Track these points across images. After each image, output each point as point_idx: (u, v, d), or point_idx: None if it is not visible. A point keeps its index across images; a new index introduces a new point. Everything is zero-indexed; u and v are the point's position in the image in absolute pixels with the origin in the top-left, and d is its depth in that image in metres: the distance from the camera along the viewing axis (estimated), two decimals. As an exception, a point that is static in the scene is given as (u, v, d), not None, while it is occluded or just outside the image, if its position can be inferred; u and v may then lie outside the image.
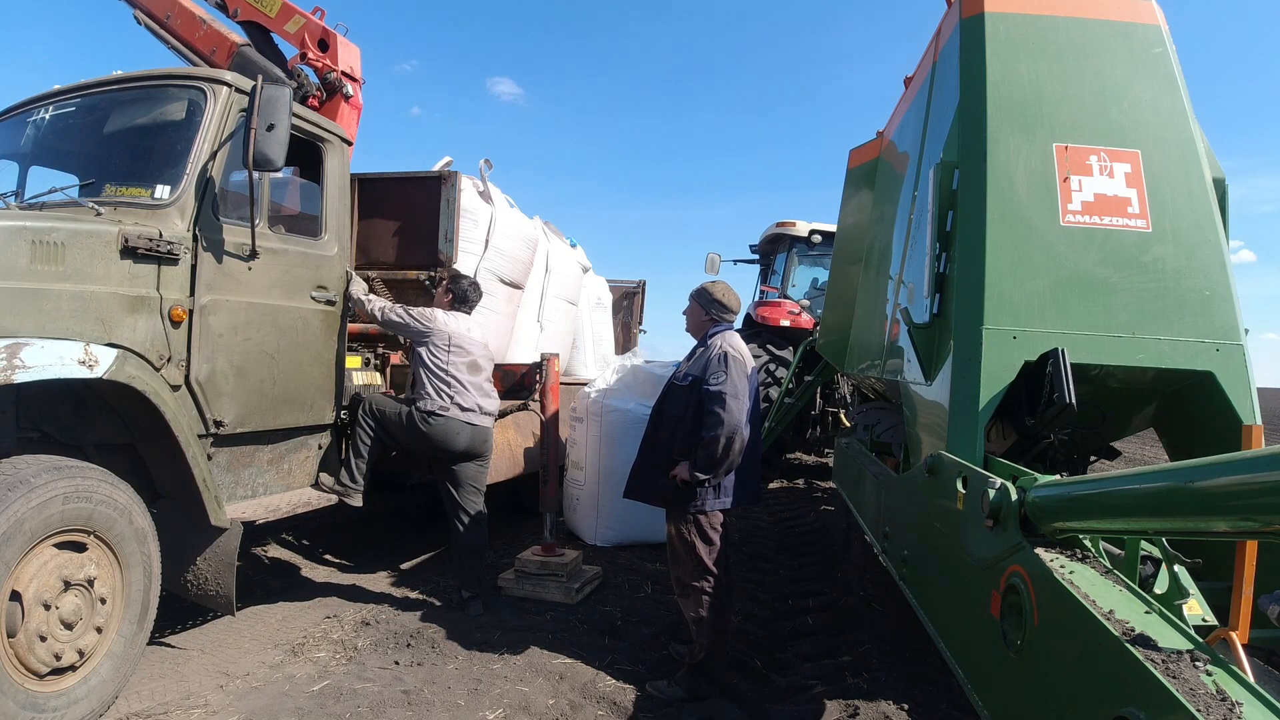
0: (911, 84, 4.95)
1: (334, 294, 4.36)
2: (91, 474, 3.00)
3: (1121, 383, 3.26)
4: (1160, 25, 3.53)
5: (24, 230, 2.94)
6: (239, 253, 3.74)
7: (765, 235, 11.67)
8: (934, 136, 3.98)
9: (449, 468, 4.64)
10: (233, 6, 6.16)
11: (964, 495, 2.69)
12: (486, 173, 5.77)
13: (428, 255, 5.34)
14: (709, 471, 3.60)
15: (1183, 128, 3.38)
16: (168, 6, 6.13)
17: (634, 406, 6.19)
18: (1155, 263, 3.18)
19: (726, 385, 3.61)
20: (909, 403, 3.94)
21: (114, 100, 3.87)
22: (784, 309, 10.16)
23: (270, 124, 3.51)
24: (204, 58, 5.92)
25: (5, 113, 4.17)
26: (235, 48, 5.81)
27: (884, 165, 5.49)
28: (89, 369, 2.92)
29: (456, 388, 4.52)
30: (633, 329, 9.94)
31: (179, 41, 6.06)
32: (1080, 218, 3.23)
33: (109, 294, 3.15)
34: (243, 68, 5.73)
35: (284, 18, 5.97)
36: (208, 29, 5.94)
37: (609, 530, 6.23)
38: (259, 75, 3.76)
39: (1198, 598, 2.39)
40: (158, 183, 3.54)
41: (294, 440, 4.24)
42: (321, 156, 4.42)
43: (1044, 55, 3.48)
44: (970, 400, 3.09)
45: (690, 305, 4.10)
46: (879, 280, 4.93)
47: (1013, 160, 3.31)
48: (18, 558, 2.70)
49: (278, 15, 5.99)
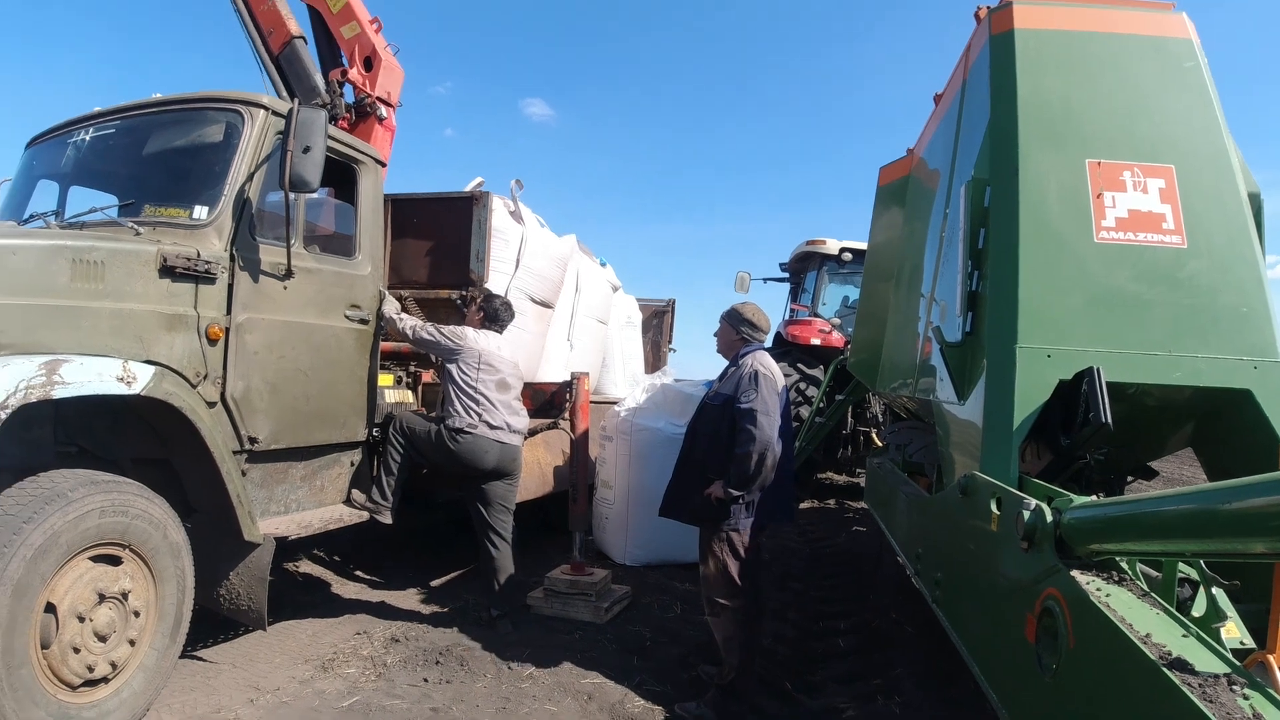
0: (941, 101, 4.93)
1: (367, 313, 4.42)
2: (128, 488, 3.05)
3: (1158, 401, 3.20)
4: (1192, 39, 3.49)
5: (64, 249, 3.02)
6: (275, 272, 3.81)
7: (795, 253, 11.63)
8: (965, 153, 3.95)
9: (478, 486, 4.66)
10: None
11: (998, 517, 2.66)
12: (517, 193, 5.83)
13: (459, 274, 5.40)
14: (742, 487, 3.66)
15: (1216, 142, 3.33)
16: None
17: (663, 425, 6.18)
18: (1190, 279, 3.12)
19: (757, 402, 3.67)
20: (942, 422, 3.89)
21: (153, 122, 3.96)
22: (814, 327, 10.10)
23: (306, 146, 3.57)
24: (260, 34, 6.02)
25: (47, 134, 4.28)
26: (290, 39, 5.92)
27: (915, 182, 5.46)
28: (127, 386, 2.98)
29: (485, 405, 4.54)
30: (662, 347, 9.93)
31: (245, 6, 6.14)
32: (1114, 234, 3.18)
33: (147, 312, 3.22)
34: (290, 61, 5.85)
35: (344, 18, 6.09)
36: (271, 6, 6.03)
37: (638, 549, 6.21)
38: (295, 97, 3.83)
39: (1236, 620, 2.32)
40: (196, 203, 3.62)
41: (327, 457, 4.28)
42: (356, 177, 4.49)
43: (1075, 71, 3.45)
44: (1004, 420, 3.05)
45: (721, 326, 4.18)
46: (911, 298, 4.89)
47: (1045, 177, 3.28)
48: (54, 570, 2.75)
49: (339, 12, 6.11)
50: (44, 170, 4.24)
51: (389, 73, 6.00)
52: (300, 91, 5.85)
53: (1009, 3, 3.59)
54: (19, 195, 4.24)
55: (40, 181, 4.23)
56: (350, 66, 5.95)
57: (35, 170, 4.29)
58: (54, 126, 4.25)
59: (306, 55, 5.95)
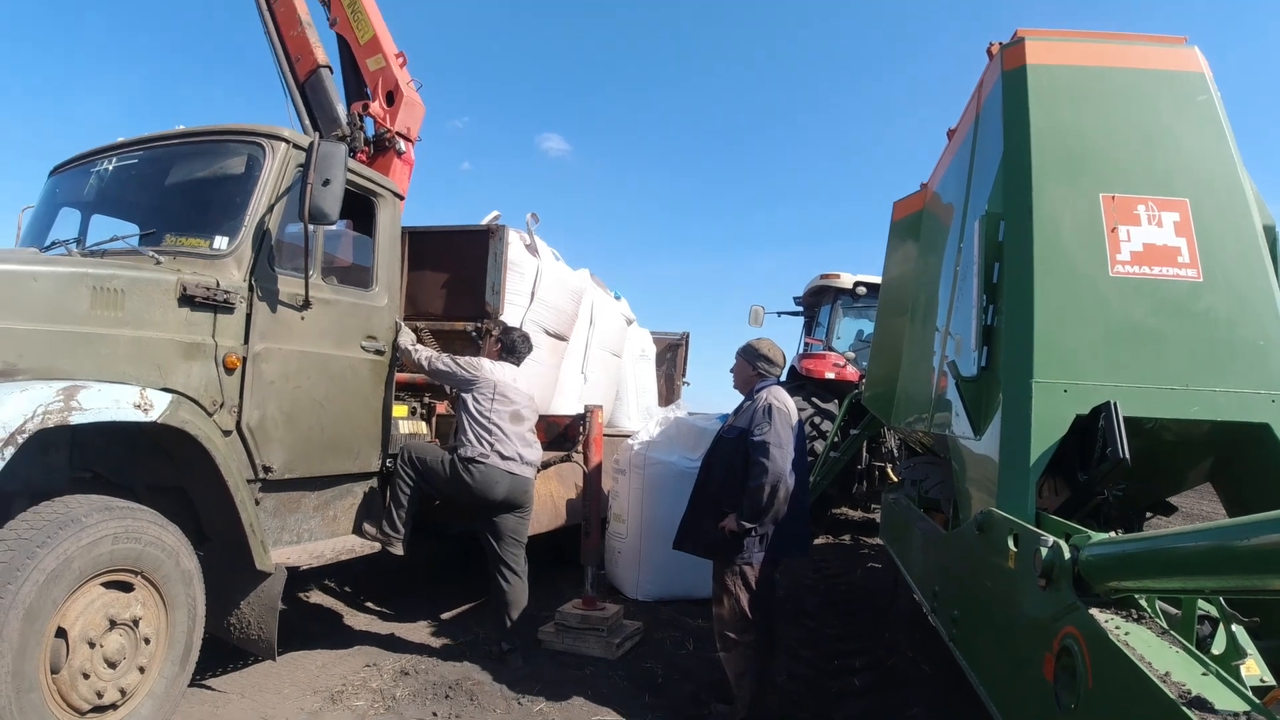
0: (955, 136, 4.95)
1: (383, 344, 4.45)
2: (141, 515, 3.06)
3: (1176, 436, 3.16)
4: (1204, 73, 3.50)
5: (85, 276, 3.07)
6: (292, 302, 3.85)
7: (809, 287, 11.64)
8: (979, 188, 3.96)
9: (490, 519, 4.65)
10: (334, 14, 6.41)
11: (1015, 554, 2.63)
12: (533, 226, 5.88)
13: (475, 307, 5.44)
14: (755, 520, 3.68)
15: (1231, 175, 3.32)
16: None
17: (677, 459, 6.16)
18: (1207, 312, 3.10)
19: (770, 435, 3.71)
20: (958, 457, 3.86)
21: (176, 153, 4.03)
22: (829, 361, 10.07)
23: (326, 179, 3.63)
24: (289, 58, 6.14)
25: (70, 162, 4.36)
26: (316, 68, 6.03)
27: (929, 217, 5.47)
28: (144, 413, 3.00)
29: (498, 435, 4.54)
30: (676, 381, 9.93)
31: (275, 31, 6.26)
32: (1130, 268, 3.17)
33: (166, 340, 3.26)
34: (314, 90, 5.95)
35: (370, 50, 6.20)
36: (301, 33, 6.15)
37: (651, 584, 6.15)
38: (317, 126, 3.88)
39: (1256, 657, 2.27)
40: (216, 234, 3.68)
41: (340, 487, 4.29)
42: (374, 210, 4.54)
43: (1088, 106, 3.46)
44: (1021, 455, 3.02)
45: (737, 362, 4.26)
46: (925, 332, 4.88)
47: (1059, 211, 3.28)
48: (65, 595, 2.75)
49: (366, 44, 6.22)
50: (66, 198, 4.31)
51: (410, 108, 6.10)
52: (322, 121, 5.95)
53: (1021, 39, 3.62)
54: (41, 222, 4.32)
55: (62, 209, 4.30)
56: (373, 100, 6.05)
57: (58, 198, 4.36)
58: (78, 155, 4.33)
59: (331, 85, 6.06)
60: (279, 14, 6.27)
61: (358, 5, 6.28)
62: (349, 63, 6.37)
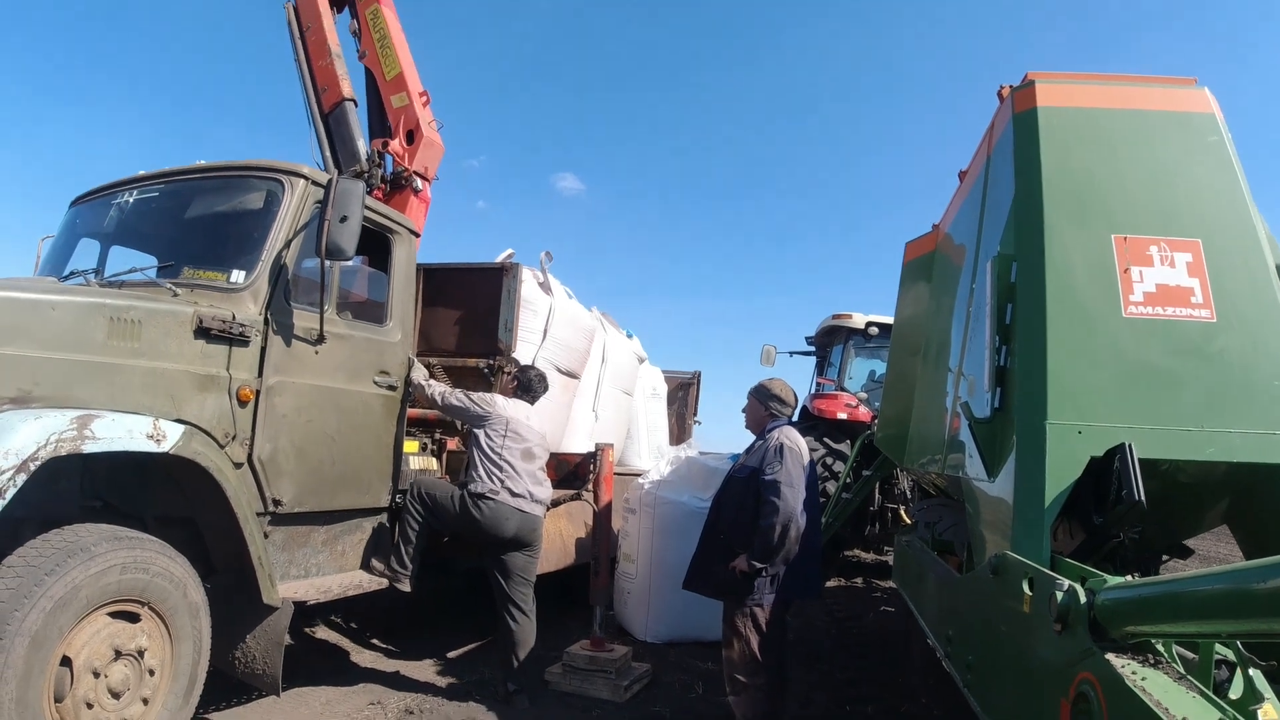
0: (966, 178, 4.98)
1: (396, 379, 4.47)
2: (150, 545, 3.07)
3: (1192, 478, 3.13)
4: (1215, 114, 3.51)
5: (103, 307, 3.12)
6: (307, 336, 3.88)
7: (821, 327, 11.63)
8: (990, 229, 3.97)
9: (499, 556, 4.62)
10: (364, 46, 6.55)
11: (1030, 598, 2.58)
12: (547, 264, 5.94)
13: (487, 344, 5.47)
14: (766, 559, 3.65)
15: (1243, 215, 3.32)
16: (313, 18, 6.49)
17: (688, 499, 6.12)
18: (1222, 353, 3.08)
19: (781, 474, 3.71)
20: (971, 500, 3.82)
21: (196, 188, 4.10)
22: (841, 401, 10.02)
23: (344, 215, 3.67)
24: (315, 88, 6.27)
25: (91, 194, 4.43)
26: (341, 101, 6.16)
27: (940, 258, 5.48)
28: (156, 443, 3.02)
29: (508, 472, 4.53)
30: (687, 420, 9.92)
31: (305, 59, 6.41)
32: (1143, 308, 3.16)
33: (181, 371, 3.29)
34: (338, 122, 6.06)
35: (395, 87, 6.32)
36: (329, 64, 6.29)
37: (660, 626, 6.08)
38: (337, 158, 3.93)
39: (1273, 701, 2.22)
40: (234, 267, 3.72)
41: (349, 522, 4.28)
42: (390, 247, 4.59)
43: (1099, 148, 3.48)
44: (1035, 497, 2.99)
45: (749, 402, 4.29)
46: (938, 373, 4.86)
47: (1071, 252, 3.28)
48: (72, 623, 2.75)
49: (392, 80, 6.35)
50: (87, 229, 4.38)
51: (429, 148, 6.19)
52: (343, 154, 6.05)
53: (1031, 82, 3.65)
54: (61, 252, 4.38)
55: (82, 240, 4.37)
56: (394, 137, 6.14)
57: (78, 229, 4.43)
58: (99, 187, 4.40)
59: (354, 120, 6.17)
60: (311, 43, 6.43)
61: (387, 41, 6.41)
62: (375, 96, 6.49)
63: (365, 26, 6.57)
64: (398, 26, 6.59)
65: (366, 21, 6.57)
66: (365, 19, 6.58)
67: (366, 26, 6.56)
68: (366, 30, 6.55)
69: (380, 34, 6.46)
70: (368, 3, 6.59)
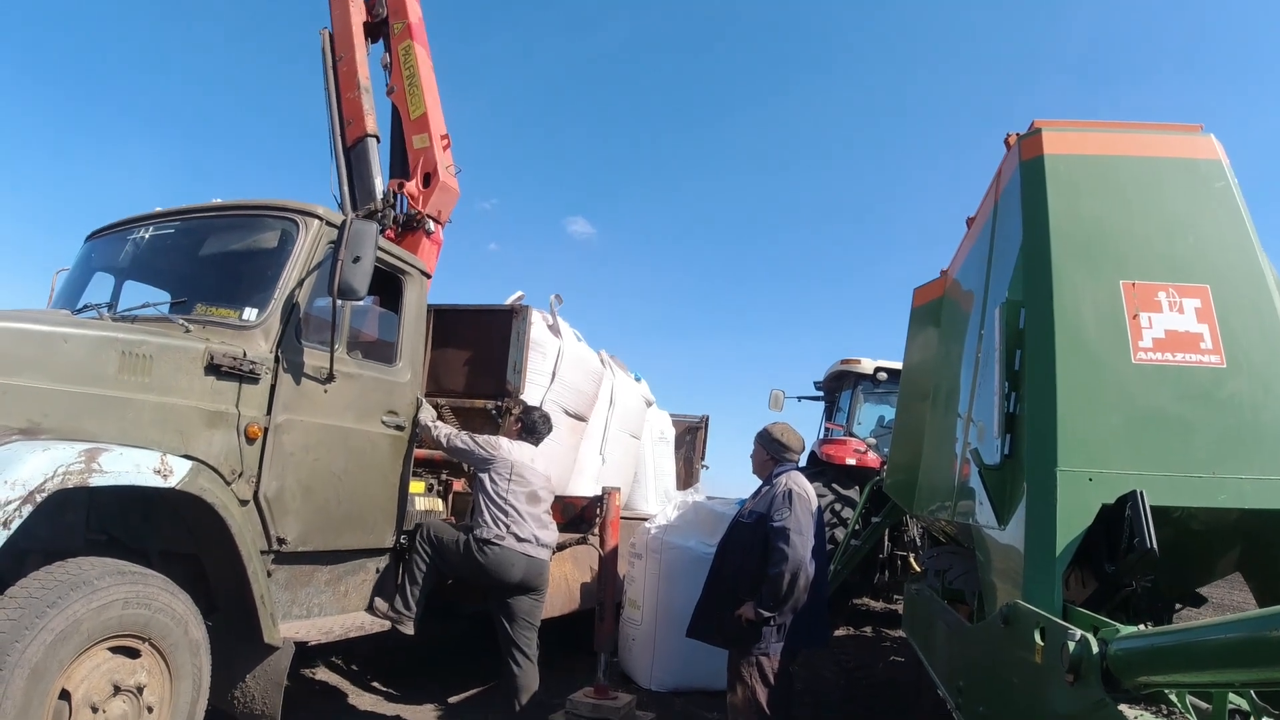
0: (974, 224, 5.02)
1: (404, 419, 4.47)
2: (153, 581, 3.05)
3: (1204, 525, 3.09)
4: (1221, 160, 3.54)
5: (115, 341, 3.14)
6: (317, 375, 3.89)
7: (830, 372, 11.63)
8: (998, 275, 3.99)
9: (504, 600, 4.57)
10: (393, 81, 6.58)
11: (1042, 648, 2.54)
12: (556, 307, 5.98)
13: (496, 385, 5.47)
14: (773, 609, 3.60)
15: (1251, 260, 3.33)
16: (347, 48, 6.52)
17: (695, 544, 6.06)
18: (1232, 398, 3.07)
19: (790, 521, 3.67)
20: (982, 547, 3.77)
21: (211, 225, 4.16)
22: (850, 447, 9.96)
23: (357, 256, 3.71)
24: (341, 120, 6.32)
25: (107, 228, 4.48)
26: (364, 136, 6.19)
27: (949, 303, 5.49)
28: (163, 479, 3.02)
29: (514, 517, 4.50)
30: (695, 464, 9.87)
31: (334, 88, 6.44)
32: (1152, 354, 3.15)
33: (190, 407, 3.30)
34: (358, 158, 6.13)
35: (418, 127, 6.33)
36: (356, 97, 6.32)
37: (665, 674, 5.98)
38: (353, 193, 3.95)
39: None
40: (246, 305, 3.75)
41: (353, 562, 4.25)
42: (401, 288, 4.62)
43: (1106, 194, 3.51)
44: (1046, 546, 2.96)
45: (755, 447, 4.29)
46: (947, 419, 4.84)
47: (1080, 298, 3.29)
48: (72, 657, 2.73)
49: (416, 120, 6.36)
50: (101, 263, 4.42)
51: (444, 193, 6.19)
52: (359, 190, 6.10)
53: (1038, 129, 3.70)
54: (75, 285, 4.42)
55: (97, 274, 4.41)
56: (411, 178, 6.16)
57: (93, 262, 4.48)
58: (115, 222, 4.45)
59: (374, 157, 6.21)
60: (342, 73, 6.48)
61: (416, 79, 6.44)
62: (399, 133, 6.50)
63: (396, 62, 6.60)
64: (428, 66, 6.62)
65: (399, 56, 6.60)
66: (398, 54, 6.61)
67: (398, 62, 6.59)
68: (397, 66, 6.59)
69: (410, 71, 6.48)
70: (401, 37, 6.63)
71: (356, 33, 6.57)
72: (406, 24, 6.61)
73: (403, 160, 6.39)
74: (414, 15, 6.68)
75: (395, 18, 6.69)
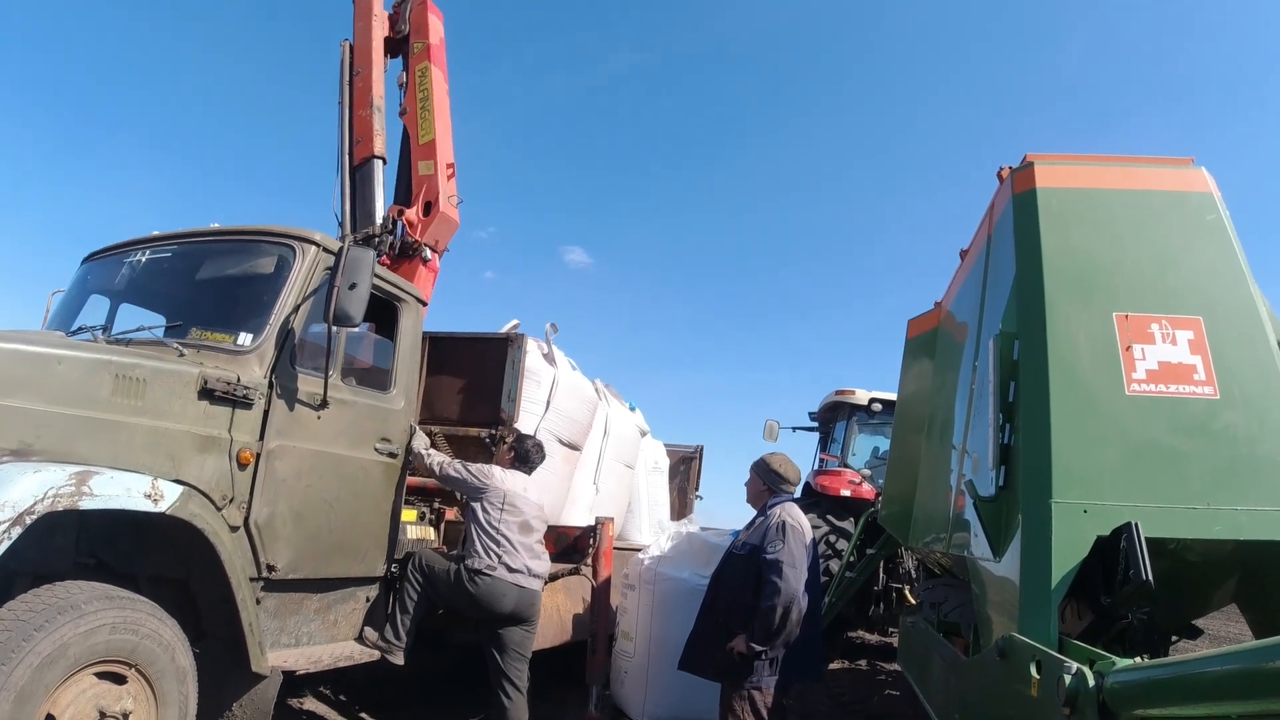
0: (967, 256, 5.06)
1: (397, 446, 4.45)
2: (141, 607, 3.02)
3: (1200, 556, 3.10)
4: (1212, 192, 3.59)
5: (109, 364, 3.13)
6: (310, 401, 3.88)
7: (825, 403, 11.63)
8: (992, 307, 4.02)
9: (495, 631, 4.53)
10: (406, 103, 6.53)
11: (1038, 681, 2.54)
12: (552, 336, 5.98)
13: (490, 413, 5.46)
14: (766, 642, 3.56)
15: (1243, 292, 3.37)
16: (365, 63, 6.49)
17: (688, 575, 6.00)
18: (1226, 430, 3.08)
19: (783, 554, 3.64)
20: (977, 580, 3.76)
21: (209, 250, 4.16)
22: (844, 478, 9.94)
23: (353, 283, 3.71)
24: (352, 137, 6.28)
25: (104, 251, 4.48)
26: (371, 157, 6.16)
27: (943, 335, 5.52)
28: (154, 503, 3.00)
29: (506, 547, 4.47)
30: (689, 494, 9.83)
31: (348, 103, 6.40)
32: (1145, 386, 3.17)
33: (182, 432, 3.29)
34: (363, 179, 6.11)
35: (425, 153, 6.28)
36: (368, 116, 6.28)
37: (657, 707, 5.89)
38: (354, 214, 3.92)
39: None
40: (241, 330, 3.75)
41: (343, 590, 4.21)
42: (397, 315, 4.62)
43: (1098, 227, 3.55)
44: (1042, 578, 2.96)
45: (750, 477, 4.24)
46: (942, 450, 4.84)
47: (1073, 330, 3.32)
48: (59, 681, 2.69)
49: (424, 146, 6.31)
50: (98, 285, 4.42)
51: (443, 223, 6.13)
52: (360, 211, 6.08)
53: (1030, 163, 3.75)
54: (70, 307, 4.41)
55: (93, 296, 4.40)
56: (412, 204, 6.11)
57: (89, 285, 4.47)
58: (112, 245, 4.45)
59: (379, 179, 6.17)
60: (357, 88, 6.45)
61: (429, 103, 6.39)
62: (407, 154, 6.46)
63: (412, 83, 6.56)
64: (443, 90, 6.57)
65: (414, 78, 6.56)
66: (414, 75, 6.58)
67: (413, 83, 6.55)
68: (412, 87, 6.55)
69: (424, 94, 6.44)
70: (420, 58, 6.59)
71: (376, 48, 6.56)
72: (426, 45, 6.58)
73: (407, 183, 6.36)
74: (435, 36, 6.65)
75: (416, 36, 6.68)
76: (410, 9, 6.80)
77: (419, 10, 6.76)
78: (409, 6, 6.82)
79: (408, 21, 6.73)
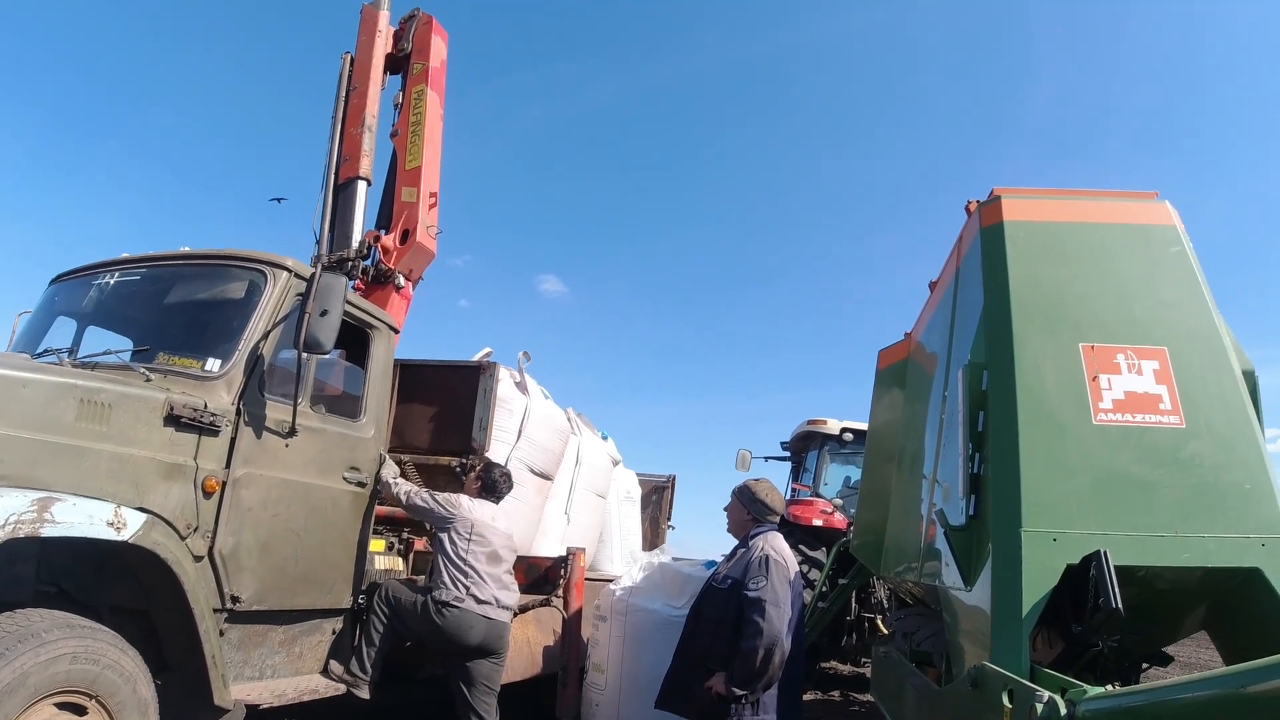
0: (936, 288, 5.13)
1: (366, 475, 4.38)
2: (102, 636, 2.94)
3: (1169, 584, 3.13)
4: (1176, 225, 3.69)
5: (74, 388, 3.07)
6: (279, 429, 3.82)
7: (796, 432, 11.67)
8: (961, 338, 4.07)
9: (462, 663, 4.45)
10: (398, 125, 6.44)
11: (1010, 710, 2.54)
12: (525, 364, 5.96)
13: (461, 442, 5.41)
14: (747, 686, 3.43)
15: (1207, 322, 3.45)
16: (363, 80, 6.39)
17: (660, 607, 5.95)
18: (1192, 458, 3.14)
19: (766, 591, 3.50)
20: (949, 609, 3.77)
21: (179, 274, 4.10)
22: (816, 508, 9.96)
23: (324, 310, 3.68)
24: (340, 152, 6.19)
25: (72, 273, 4.40)
26: (355, 177, 6.07)
27: (913, 365, 5.58)
28: (116, 531, 2.93)
29: (474, 578, 4.40)
30: (661, 524, 9.79)
31: (342, 118, 6.31)
32: (1112, 415, 3.23)
33: (147, 458, 3.22)
34: (345, 199, 6.03)
35: (409, 180, 6.20)
36: (358, 134, 6.19)
37: (629, 741, 5.81)
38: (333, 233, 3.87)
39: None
40: (210, 355, 3.69)
41: (309, 623, 4.12)
42: (369, 342, 4.57)
43: (1064, 259, 3.62)
44: (1013, 606, 2.97)
45: (731, 503, 4.05)
46: (913, 480, 4.87)
47: (1040, 360, 3.37)
48: (17, 712, 2.61)
49: (409, 171, 6.24)
50: (65, 308, 4.34)
51: (419, 253, 6.08)
52: (338, 231, 6.00)
53: (998, 197, 3.83)
54: (36, 329, 4.32)
55: (59, 318, 4.33)
56: (390, 231, 6.06)
57: (56, 306, 4.39)
58: (80, 267, 4.38)
59: (361, 200, 6.09)
60: (352, 104, 6.36)
61: (420, 128, 6.33)
62: (394, 177, 6.38)
63: (407, 104, 6.50)
64: (437, 116, 6.52)
65: (410, 100, 6.49)
66: (410, 97, 6.51)
67: (408, 105, 6.49)
68: (406, 109, 6.48)
69: (417, 118, 6.38)
70: (418, 80, 6.53)
71: (376, 65, 6.49)
72: (426, 67, 6.54)
73: (390, 208, 6.29)
74: (436, 59, 6.61)
75: (418, 57, 6.63)
76: (415, 27, 6.74)
77: (423, 30, 6.71)
78: (414, 24, 6.75)
79: (411, 40, 6.68)
